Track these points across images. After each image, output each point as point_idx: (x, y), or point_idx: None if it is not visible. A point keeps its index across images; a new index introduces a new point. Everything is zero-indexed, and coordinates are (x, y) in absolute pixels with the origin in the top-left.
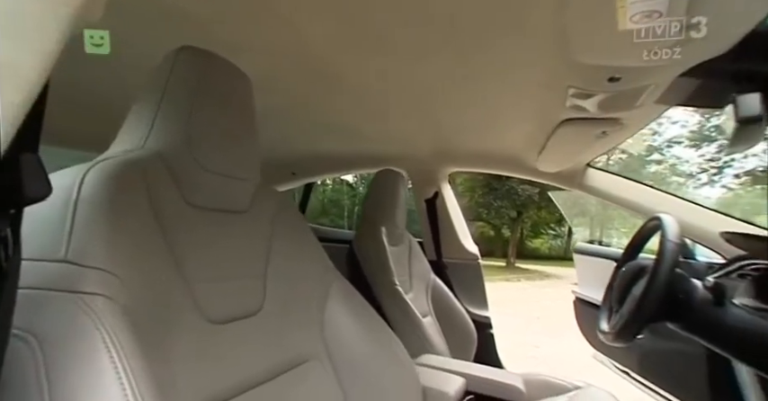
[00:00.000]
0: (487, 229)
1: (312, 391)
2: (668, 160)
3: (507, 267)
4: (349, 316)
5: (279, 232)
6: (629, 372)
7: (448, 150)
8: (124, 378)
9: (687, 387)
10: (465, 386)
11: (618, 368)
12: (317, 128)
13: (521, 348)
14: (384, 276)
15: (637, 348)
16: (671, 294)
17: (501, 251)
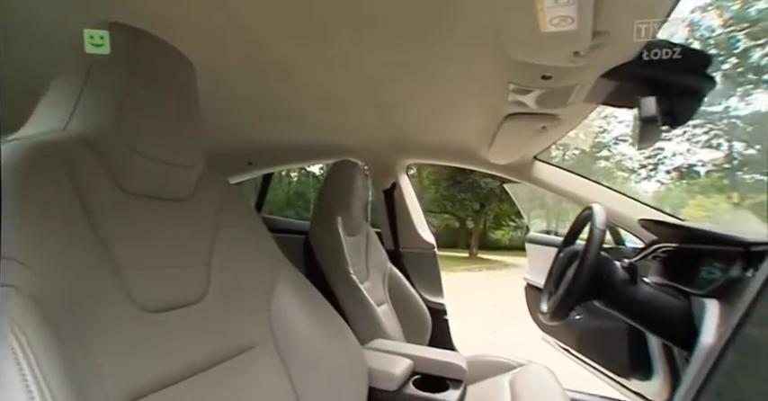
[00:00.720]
0: (453, 221)
1: (256, 377)
2: (615, 157)
3: (470, 258)
4: (297, 303)
5: (225, 220)
6: (570, 350)
7: (404, 142)
8: (27, 370)
9: (612, 359)
10: (412, 367)
11: (561, 347)
12: (272, 118)
13: (479, 333)
14: (339, 265)
15: (576, 328)
16: (597, 275)
17: (465, 242)
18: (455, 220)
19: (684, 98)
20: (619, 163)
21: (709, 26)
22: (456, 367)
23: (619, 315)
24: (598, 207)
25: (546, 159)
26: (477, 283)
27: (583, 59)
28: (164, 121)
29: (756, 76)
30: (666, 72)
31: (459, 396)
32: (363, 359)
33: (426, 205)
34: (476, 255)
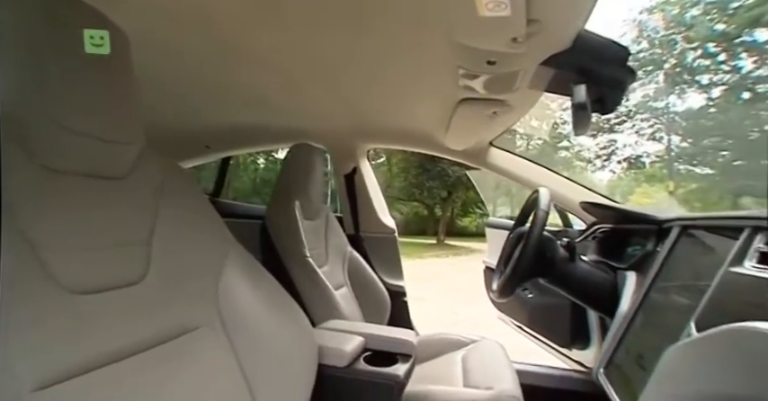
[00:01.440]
0: (421, 209)
1: (201, 358)
2: (574, 147)
3: (438, 244)
4: (246, 284)
5: (166, 201)
6: (522, 327)
7: (364, 126)
8: None
9: (557, 333)
10: (363, 344)
11: (515, 324)
12: (229, 100)
13: (441, 315)
14: (295, 248)
15: (527, 306)
16: (540, 254)
17: (433, 229)
18: (424, 208)
19: (610, 87)
20: (577, 153)
21: (654, 27)
22: (406, 342)
23: (559, 290)
24: (543, 190)
25: (511, 149)
26: (443, 268)
27: (521, 46)
28: (94, 95)
29: (690, 77)
30: (594, 62)
31: (407, 370)
32: (313, 337)
33: (396, 193)
34: (443, 242)
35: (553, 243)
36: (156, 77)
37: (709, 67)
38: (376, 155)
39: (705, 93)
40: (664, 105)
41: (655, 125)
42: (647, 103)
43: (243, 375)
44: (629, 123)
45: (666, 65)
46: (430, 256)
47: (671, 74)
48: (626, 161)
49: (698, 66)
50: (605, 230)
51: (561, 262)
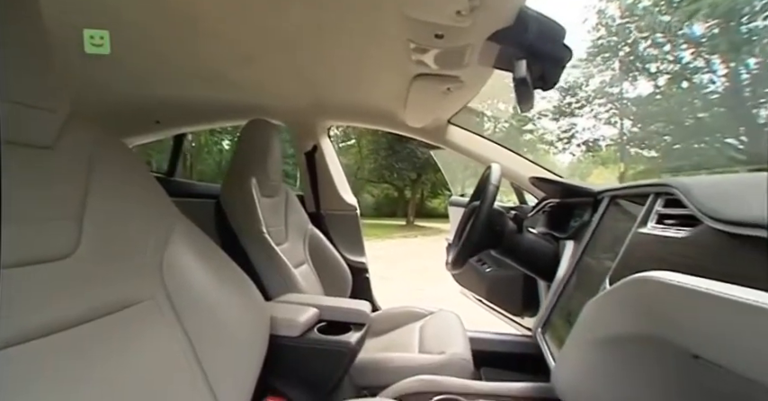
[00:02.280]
0: (392, 191)
1: (145, 331)
2: (538, 130)
3: (407, 225)
4: (193, 258)
5: (99, 172)
6: (482, 299)
7: (323, 103)
8: None
9: (511, 302)
10: (318, 315)
11: (475, 297)
12: (181, 72)
13: (407, 293)
14: (251, 225)
15: (486, 279)
16: (490, 226)
17: (403, 211)
18: (394, 190)
19: (549, 64)
20: (541, 136)
21: (612, 15)
22: (359, 312)
23: (508, 261)
24: (495, 166)
25: (479, 131)
26: (411, 248)
27: (466, 19)
28: (10, 59)
29: (641, 65)
30: (535, 39)
31: (359, 337)
32: (265, 309)
33: (366, 175)
34: (412, 223)
35: (503, 216)
36: None
37: (656, 57)
38: (346, 137)
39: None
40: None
41: (610, 110)
42: (604, 89)
43: (192, 347)
44: (588, 108)
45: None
46: (399, 237)
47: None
48: (584, 144)
49: (647, 54)
50: (552, 204)
51: (510, 234)
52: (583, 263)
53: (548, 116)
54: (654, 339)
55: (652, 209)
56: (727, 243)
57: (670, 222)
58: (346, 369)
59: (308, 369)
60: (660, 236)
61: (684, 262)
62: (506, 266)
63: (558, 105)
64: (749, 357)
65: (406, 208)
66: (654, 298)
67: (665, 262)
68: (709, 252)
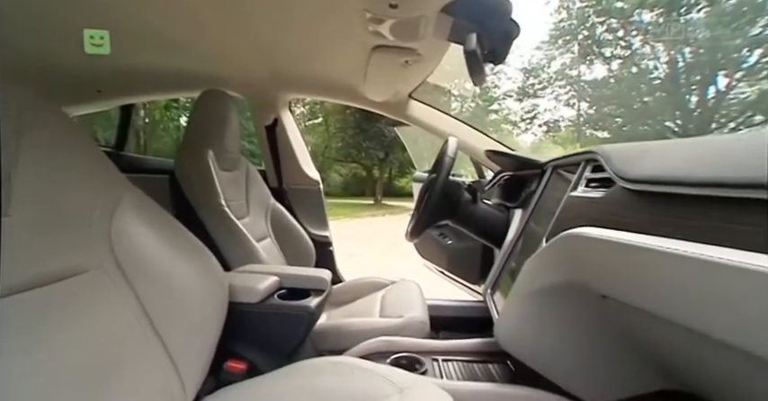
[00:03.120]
0: (360, 170)
1: (94, 301)
2: (503, 111)
3: (375, 204)
4: (144, 227)
5: (31, 137)
6: (443, 271)
7: (283, 75)
8: None
9: (469, 272)
10: (278, 283)
11: (437, 269)
12: (124, 37)
13: (374, 268)
14: (210, 198)
15: (446, 251)
16: (446, 197)
17: (371, 190)
18: (362, 169)
19: (498, 39)
20: (506, 117)
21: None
22: (319, 279)
23: (464, 230)
24: (452, 139)
25: (447, 110)
26: (380, 226)
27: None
28: None
29: (598, 49)
30: (483, 12)
31: (319, 302)
32: (223, 278)
33: (334, 154)
34: (380, 202)
35: (458, 187)
36: (36, 6)
37: (611, 42)
38: (313, 116)
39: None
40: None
41: (569, 92)
42: (564, 71)
43: (147, 316)
44: (550, 89)
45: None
46: (367, 216)
47: (583, 45)
48: (546, 124)
49: (603, 39)
50: (506, 177)
51: (465, 204)
52: (528, 228)
53: (512, 97)
54: (575, 285)
55: (582, 175)
56: (630, 198)
57: (594, 185)
58: (306, 332)
59: (269, 333)
60: (586, 198)
61: (602, 217)
62: (466, 239)
63: (521, 86)
64: (645, 293)
65: (374, 187)
66: (576, 250)
67: (588, 220)
68: (619, 207)
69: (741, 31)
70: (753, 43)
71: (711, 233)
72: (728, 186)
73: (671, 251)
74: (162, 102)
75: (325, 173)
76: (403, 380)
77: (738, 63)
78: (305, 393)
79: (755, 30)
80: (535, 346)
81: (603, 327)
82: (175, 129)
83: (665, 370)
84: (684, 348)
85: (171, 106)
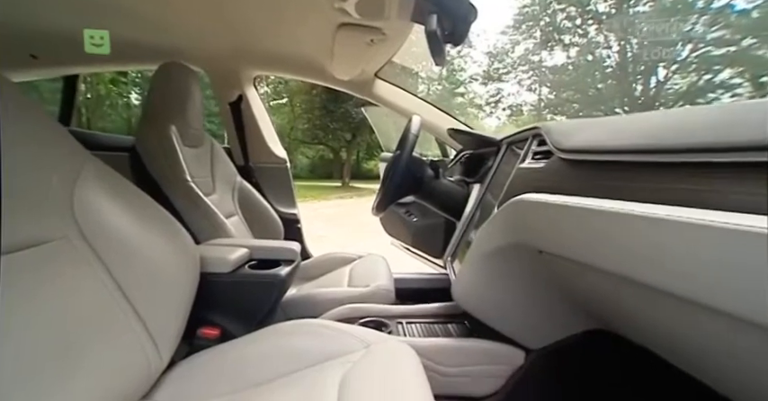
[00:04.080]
0: (327, 152)
1: (62, 271)
2: (469, 94)
3: (343, 187)
4: (109, 197)
5: None
6: (409, 247)
7: (247, 50)
8: None
9: (433, 246)
10: (248, 254)
11: (403, 246)
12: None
13: (344, 248)
14: (175, 174)
15: (412, 228)
16: (410, 173)
17: (339, 173)
18: (329, 151)
19: (457, 20)
20: (471, 100)
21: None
22: (289, 249)
23: (427, 205)
24: (415, 118)
25: (414, 92)
26: (347, 209)
27: None
28: None
29: (558, 35)
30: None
31: (289, 271)
32: (193, 248)
33: (300, 136)
34: (348, 184)
35: (421, 163)
36: None
37: (570, 29)
38: (277, 96)
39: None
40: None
41: (532, 77)
42: (527, 56)
43: (116, 283)
44: (513, 74)
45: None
46: (335, 198)
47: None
48: (509, 108)
49: (563, 26)
50: (467, 155)
51: (428, 179)
52: (484, 200)
53: (477, 80)
54: (518, 245)
55: (529, 149)
56: (565, 166)
57: (539, 157)
58: (277, 299)
59: (241, 301)
60: (531, 169)
61: (543, 184)
62: (430, 216)
63: (486, 70)
64: (576, 245)
65: (342, 169)
66: (520, 214)
67: (532, 187)
68: (557, 174)
69: (676, 26)
70: (684, 39)
71: (631, 192)
72: (641, 152)
73: (597, 208)
74: (107, 75)
75: (292, 155)
76: (369, 337)
77: (674, 56)
78: (276, 353)
79: (687, 26)
80: (486, 302)
81: (540, 280)
82: (125, 106)
83: (589, 313)
84: (606, 291)
85: (118, 81)
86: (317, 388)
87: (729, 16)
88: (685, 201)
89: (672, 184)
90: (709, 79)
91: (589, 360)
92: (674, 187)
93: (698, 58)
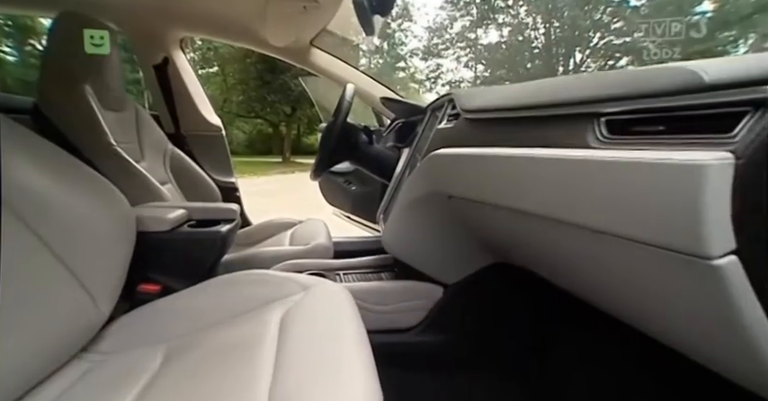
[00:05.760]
0: (265, 127)
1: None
2: (410, 69)
3: (284, 162)
4: (26, 156)
5: None
6: (350, 215)
7: (170, 8)
8: None
9: (371, 212)
10: (187, 215)
11: (344, 214)
12: None
13: None
14: (97, 138)
15: (351, 195)
16: (345, 137)
17: (279, 148)
18: (268, 126)
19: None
20: (412, 75)
21: None
22: (228, 209)
23: (361, 168)
24: (349, 86)
25: (355, 65)
26: (289, 184)
27: None
28: None
29: (493, 15)
30: None
31: (229, 228)
32: (127, 206)
33: (235, 108)
34: (289, 160)
35: (355, 129)
36: None
37: (503, 9)
38: (206, 63)
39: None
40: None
41: (469, 54)
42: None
43: (46, 245)
44: (452, 50)
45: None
46: (276, 173)
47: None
48: (449, 84)
49: (497, 6)
50: (400, 124)
51: (362, 145)
52: (412, 160)
53: (418, 55)
54: (432, 193)
55: (445, 112)
56: (469, 124)
57: (451, 118)
58: (219, 256)
59: (181, 259)
60: (445, 129)
61: (453, 141)
62: (368, 184)
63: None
64: (477, 187)
65: (282, 145)
66: (433, 166)
67: (445, 144)
68: (462, 132)
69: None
70: (595, 27)
71: (517, 140)
72: (521, 108)
73: (491, 154)
74: None
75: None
76: (307, 282)
77: (587, 42)
78: (219, 301)
79: (597, 15)
80: (409, 245)
81: (451, 223)
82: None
83: (493, 248)
84: (503, 226)
85: None
86: (258, 326)
87: (626, 10)
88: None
89: (543, 132)
90: (611, 65)
91: (495, 291)
92: (543, 134)
93: (605, 46)
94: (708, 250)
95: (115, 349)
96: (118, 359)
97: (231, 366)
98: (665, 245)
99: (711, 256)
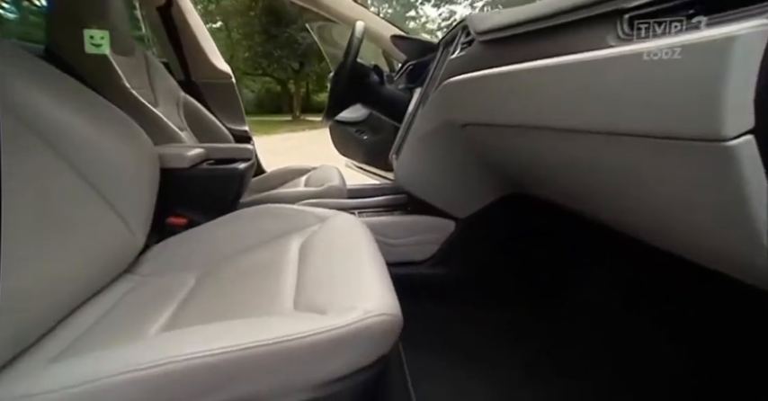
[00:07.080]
0: (273, 85)
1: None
2: (421, 18)
3: (293, 121)
4: (47, 91)
5: None
6: (362, 166)
7: None
8: None
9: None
10: (205, 154)
11: (356, 165)
12: None
13: None
14: (112, 79)
15: (363, 145)
16: (355, 79)
17: (288, 107)
18: (276, 83)
19: None
20: (424, 25)
21: None
22: (244, 149)
23: (374, 111)
24: (359, 23)
25: None
26: (299, 142)
27: None
28: None
29: None
30: None
31: (247, 166)
32: (149, 143)
33: (241, 66)
34: (299, 118)
35: (366, 68)
36: None
37: None
38: (210, 18)
39: None
40: None
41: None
42: None
43: (87, 182)
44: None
45: None
46: (286, 132)
47: None
48: None
49: None
50: (411, 66)
51: (374, 85)
52: (423, 98)
53: (430, 2)
54: (446, 123)
55: (459, 41)
56: (482, 47)
57: (465, 46)
58: (238, 192)
59: (203, 195)
60: (458, 58)
61: (466, 68)
62: (380, 132)
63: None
64: (492, 109)
65: (291, 102)
66: (446, 95)
67: (458, 72)
68: (476, 57)
69: None
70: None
71: (529, 55)
72: (532, 21)
73: (504, 71)
74: None
75: None
76: (324, 214)
77: None
78: (242, 231)
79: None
80: (422, 179)
81: (464, 154)
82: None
83: (507, 178)
84: (521, 148)
85: None
86: (280, 253)
87: None
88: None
89: (560, 42)
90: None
91: (506, 223)
92: (561, 44)
93: None
94: (724, 130)
95: (153, 272)
96: (156, 280)
97: (258, 284)
98: (679, 135)
99: (726, 137)
